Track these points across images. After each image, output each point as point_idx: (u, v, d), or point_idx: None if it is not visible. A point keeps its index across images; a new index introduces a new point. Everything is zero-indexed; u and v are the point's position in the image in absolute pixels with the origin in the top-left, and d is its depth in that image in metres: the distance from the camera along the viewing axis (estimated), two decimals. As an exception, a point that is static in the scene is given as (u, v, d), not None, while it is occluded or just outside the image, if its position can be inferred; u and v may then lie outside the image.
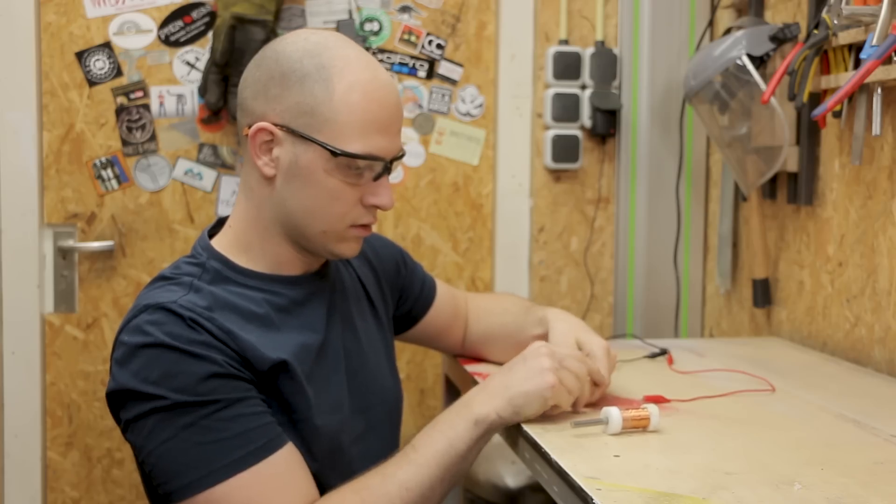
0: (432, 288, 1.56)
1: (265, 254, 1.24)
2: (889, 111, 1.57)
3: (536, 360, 1.19)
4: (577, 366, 1.23)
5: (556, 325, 1.44)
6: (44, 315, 2.06)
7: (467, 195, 2.23)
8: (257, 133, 1.19)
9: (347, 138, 1.17)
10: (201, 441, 1.09)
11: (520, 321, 1.53)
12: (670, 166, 2.23)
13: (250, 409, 1.12)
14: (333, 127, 1.17)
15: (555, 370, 1.19)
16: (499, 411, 1.17)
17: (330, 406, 1.24)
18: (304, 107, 1.17)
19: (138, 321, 1.13)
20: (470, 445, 1.16)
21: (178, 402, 1.08)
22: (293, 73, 1.17)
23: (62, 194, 2.05)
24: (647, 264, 2.23)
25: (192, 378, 1.09)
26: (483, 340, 1.58)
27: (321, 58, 1.18)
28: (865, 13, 1.50)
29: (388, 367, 1.41)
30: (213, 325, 1.13)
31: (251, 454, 1.09)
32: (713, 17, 2.17)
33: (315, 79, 1.17)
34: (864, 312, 1.66)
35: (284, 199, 1.21)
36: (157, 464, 1.10)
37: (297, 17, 2.11)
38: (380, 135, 1.19)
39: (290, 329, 1.22)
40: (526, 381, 1.18)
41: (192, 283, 1.19)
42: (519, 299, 1.67)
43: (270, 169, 1.20)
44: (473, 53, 2.21)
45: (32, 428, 2.04)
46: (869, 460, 1.12)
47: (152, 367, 1.10)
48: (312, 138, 1.17)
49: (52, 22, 2.02)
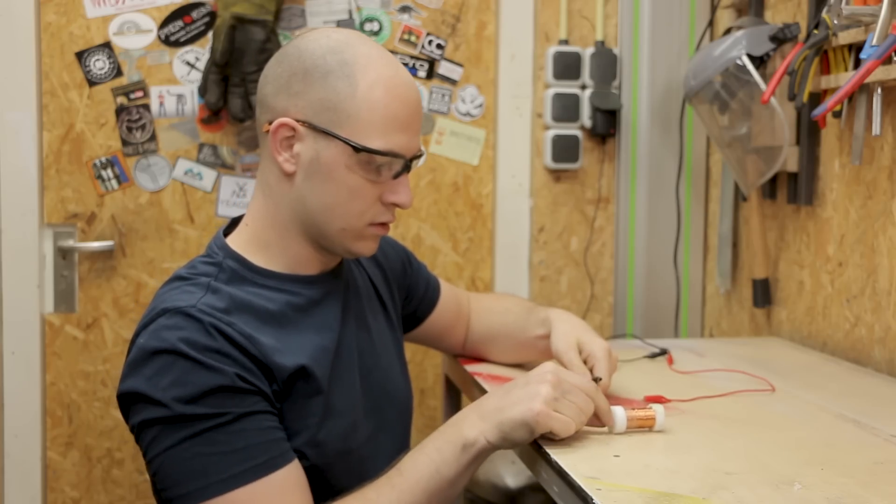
0: (436, 288, 1.56)
1: (284, 252, 1.23)
2: (889, 111, 1.57)
3: (536, 385, 1.12)
4: (582, 399, 1.14)
5: (559, 326, 1.43)
6: (44, 315, 2.06)
7: (467, 195, 2.23)
8: (279, 129, 1.18)
9: (369, 134, 1.17)
10: (203, 452, 1.08)
11: (522, 321, 1.53)
12: (670, 166, 2.23)
13: (256, 425, 1.10)
14: (356, 123, 1.16)
15: (550, 400, 1.11)
16: (488, 436, 1.11)
17: (344, 407, 1.23)
18: (326, 103, 1.17)
19: (156, 325, 1.12)
20: (458, 471, 1.12)
21: (184, 413, 1.08)
22: (316, 70, 1.17)
23: (62, 194, 2.05)
24: (647, 264, 2.23)
25: (201, 389, 1.08)
26: (484, 340, 1.58)
27: (344, 54, 1.18)
28: (865, 13, 1.50)
29: (399, 367, 1.40)
30: (233, 330, 1.12)
31: (250, 470, 1.08)
32: (713, 17, 2.17)
33: (338, 75, 1.17)
34: (864, 312, 1.66)
35: (304, 195, 1.20)
36: (160, 470, 1.10)
37: (297, 17, 2.11)
38: (401, 132, 1.19)
39: (307, 329, 1.22)
40: (515, 406, 1.11)
41: (209, 283, 1.18)
42: (521, 300, 1.67)
43: (291, 165, 1.20)
44: (473, 53, 2.21)
45: (32, 428, 2.04)
46: (869, 460, 1.12)
47: (164, 374, 1.09)
48: (335, 134, 1.17)
49: (52, 22, 2.02)
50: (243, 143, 2.11)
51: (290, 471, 1.12)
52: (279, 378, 1.15)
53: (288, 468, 1.12)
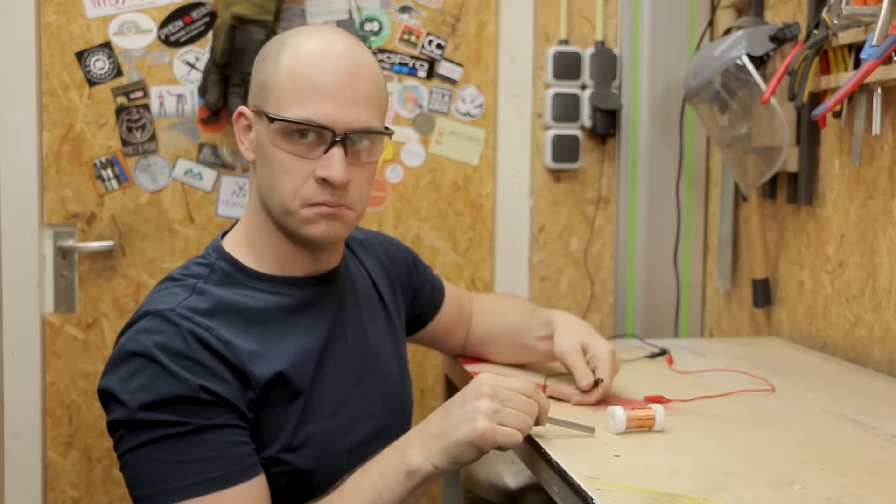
0: (441, 291, 1.55)
1: (268, 251, 1.23)
2: (889, 111, 1.57)
3: (473, 402, 1.08)
4: (524, 403, 1.10)
5: (562, 328, 1.42)
6: (44, 315, 2.06)
7: (467, 195, 2.23)
8: (238, 118, 1.23)
9: (286, 104, 1.16)
10: (161, 459, 1.09)
11: (524, 323, 1.52)
12: (670, 166, 2.23)
13: (218, 437, 1.10)
14: (276, 95, 1.17)
15: (491, 414, 1.07)
16: (434, 462, 1.08)
17: (327, 410, 1.23)
18: (261, 82, 1.20)
19: (137, 327, 1.14)
20: (401, 497, 1.08)
21: (145, 419, 1.09)
22: (261, 55, 1.22)
23: (62, 194, 2.05)
24: (647, 264, 2.23)
25: (164, 396, 1.09)
26: (484, 341, 1.58)
27: (285, 37, 1.21)
28: (865, 13, 1.50)
29: (398, 372, 1.39)
30: (210, 335, 1.12)
31: (204, 483, 1.08)
32: (713, 17, 2.17)
33: (272, 55, 1.19)
34: (864, 312, 1.66)
35: (259, 181, 1.22)
36: (124, 469, 1.13)
37: (297, 17, 2.11)
38: (322, 101, 1.15)
39: (295, 331, 1.21)
40: (458, 427, 1.07)
41: (195, 285, 1.18)
42: (522, 301, 1.66)
43: (250, 154, 1.23)
44: (473, 53, 2.21)
45: (32, 428, 2.04)
46: (869, 460, 1.12)
47: (134, 377, 1.10)
48: (261, 109, 1.18)
49: (52, 22, 2.02)
50: (243, 143, 2.11)
51: (248, 488, 1.11)
52: (255, 386, 1.14)
53: (245, 485, 1.11)
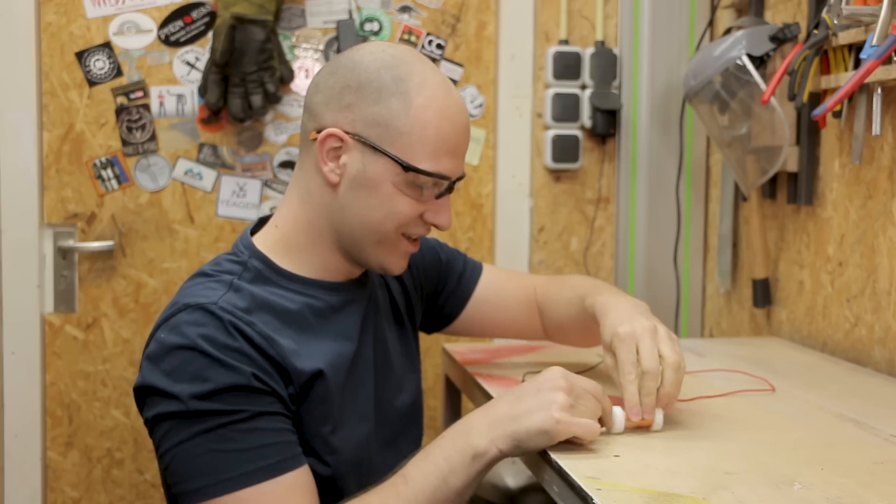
0: (471, 280, 1.52)
1: (312, 258, 1.24)
2: (889, 111, 1.57)
3: (550, 393, 1.09)
4: (593, 403, 1.14)
5: (610, 315, 1.31)
6: (44, 315, 2.06)
7: (467, 195, 2.22)
8: (327, 139, 1.19)
9: (419, 155, 1.17)
10: (215, 449, 1.08)
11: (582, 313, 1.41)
12: (670, 166, 2.23)
13: (269, 425, 1.10)
14: (406, 142, 1.17)
15: (567, 407, 1.09)
16: (499, 445, 1.09)
17: (358, 416, 1.24)
18: (378, 118, 1.17)
19: (177, 320, 1.12)
20: (467, 481, 1.09)
21: (199, 409, 1.08)
22: (370, 84, 1.18)
23: (62, 194, 2.05)
24: (647, 264, 2.23)
25: (218, 386, 1.08)
26: (557, 333, 1.53)
27: (398, 70, 1.18)
28: (865, 13, 1.50)
29: (412, 379, 1.40)
30: (253, 331, 1.12)
31: (261, 470, 1.08)
32: (713, 17, 2.17)
33: (392, 91, 1.17)
34: (864, 312, 1.66)
35: (345, 206, 1.20)
36: (171, 464, 1.10)
37: (297, 17, 2.11)
38: (449, 156, 1.19)
39: (325, 335, 1.22)
40: (530, 414, 1.08)
41: (231, 281, 1.18)
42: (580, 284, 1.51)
43: (336, 176, 1.20)
44: (473, 53, 2.21)
45: (32, 428, 2.04)
46: (869, 460, 1.12)
47: (182, 370, 1.09)
48: (384, 150, 1.17)
49: (52, 22, 2.02)
50: (243, 143, 2.11)
51: (300, 474, 1.12)
52: (296, 381, 1.15)
53: (298, 471, 1.11)
